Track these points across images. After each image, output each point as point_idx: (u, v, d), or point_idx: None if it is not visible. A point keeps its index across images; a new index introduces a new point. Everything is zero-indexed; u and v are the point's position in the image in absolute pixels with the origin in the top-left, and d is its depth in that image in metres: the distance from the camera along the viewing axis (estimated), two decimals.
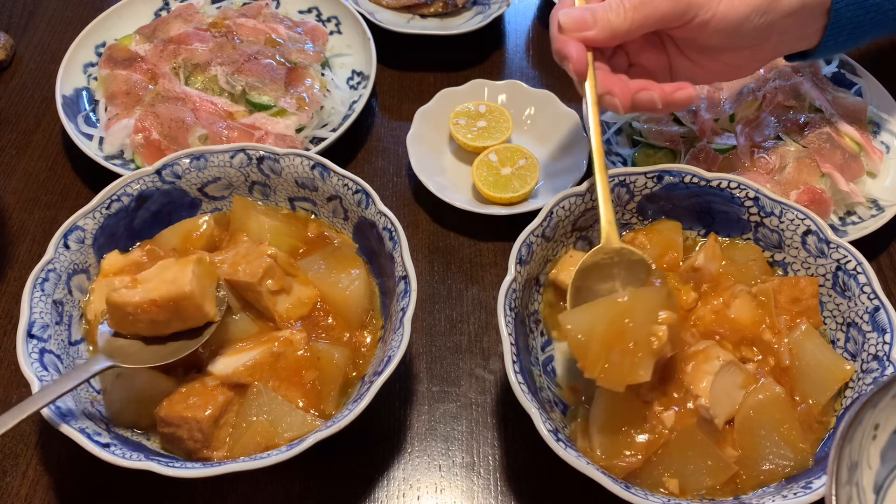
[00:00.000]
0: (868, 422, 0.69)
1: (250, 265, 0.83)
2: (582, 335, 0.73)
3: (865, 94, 1.17)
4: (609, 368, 0.72)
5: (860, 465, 0.70)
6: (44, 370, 0.76)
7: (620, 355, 0.72)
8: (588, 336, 0.73)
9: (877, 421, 0.70)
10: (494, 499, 0.85)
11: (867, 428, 0.70)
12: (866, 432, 0.70)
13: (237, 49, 1.18)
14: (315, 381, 0.81)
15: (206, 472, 0.69)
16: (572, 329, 0.74)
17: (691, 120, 1.12)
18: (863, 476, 0.70)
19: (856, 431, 0.68)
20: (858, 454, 0.69)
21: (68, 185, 1.14)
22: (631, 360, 0.72)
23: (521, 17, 1.41)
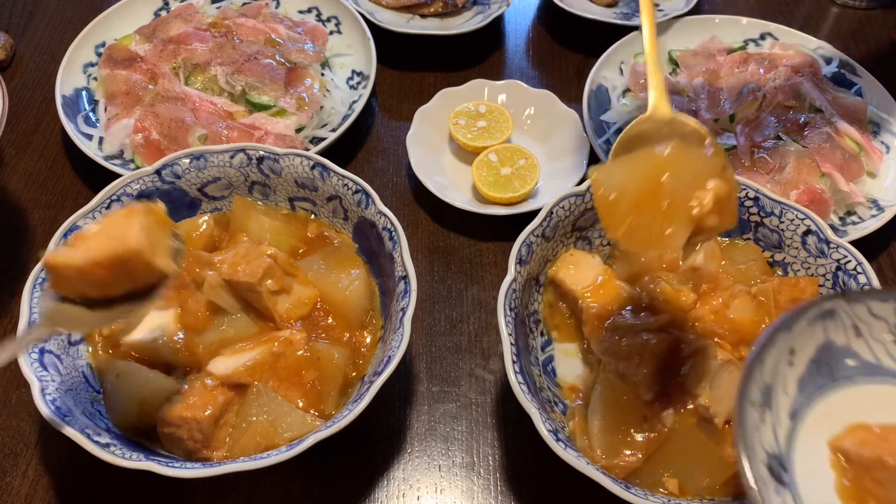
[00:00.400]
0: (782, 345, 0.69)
1: (250, 265, 0.83)
2: (608, 190, 0.64)
3: (865, 94, 1.17)
4: (635, 228, 0.64)
5: (775, 390, 0.69)
6: (44, 370, 0.76)
7: (651, 215, 0.63)
8: (618, 192, 0.64)
9: (792, 346, 0.70)
10: (494, 499, 0.85)
11: (782, 352, 0.70)
12: (781, 356, 0.70)
13: (237, 49, 1.18)
14: (315, 381, 0.81)
15: (206, 472, 0.69)
16: (598, 181, 0.65)
17: None
18: (778, 401, 0.69)
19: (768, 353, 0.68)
20: (773, 377, 0.69)
21: (68, 185, 1.14)
22: (662, 222, 0.63)
23: (521, 17, 1.41)
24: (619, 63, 1.23)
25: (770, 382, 0.69)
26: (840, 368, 0.73)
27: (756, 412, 0.67)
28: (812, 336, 0.72)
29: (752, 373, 0.67)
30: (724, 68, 1.19)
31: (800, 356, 0.71)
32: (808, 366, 0.72)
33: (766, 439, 0.67)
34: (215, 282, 0.84)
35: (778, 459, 0.67)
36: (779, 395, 0.70)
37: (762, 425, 0.68)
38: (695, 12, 1.30)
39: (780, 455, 0.68)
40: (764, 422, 0.68)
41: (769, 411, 0.68)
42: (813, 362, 0.72)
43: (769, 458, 0.66)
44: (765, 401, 0.68)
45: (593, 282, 0.87)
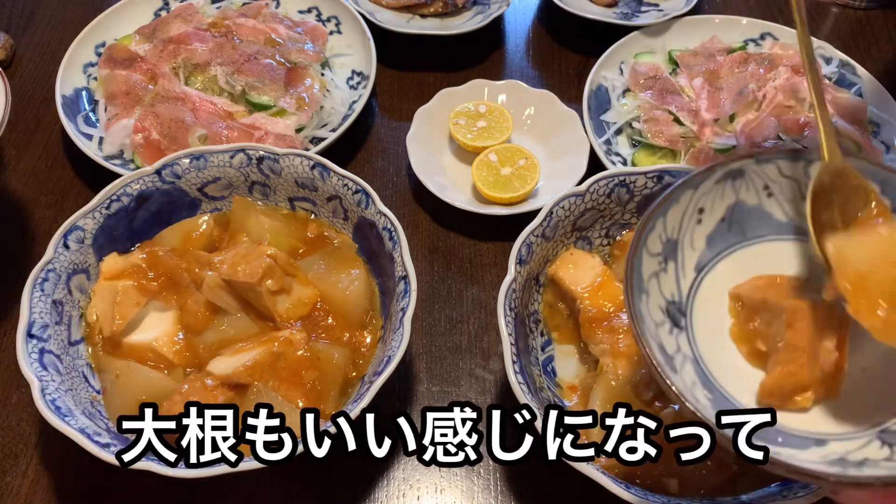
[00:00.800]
0: (687, 202, 0.72)
1: (250, 265, 0.83)
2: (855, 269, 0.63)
3: (865, 94, 1.17)
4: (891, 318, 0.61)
5: (681, 244, 0.73)
6: (43, 370, 0.76)
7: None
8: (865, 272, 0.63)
9: (700, 205, 0.73)
10: (494, 499, 0.85)
11: (689, 209, 0.73)
12: (687, 213, 0.73)
13: (237, 49, 1.18)
14: (315, 381, 0.81)
15: (206, 472, 0.69)
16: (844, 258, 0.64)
17: (691, 120, 1.12)
18: (684, 254, 0.73)
19: (670, 207, 0.71)
20: (679, 233, 0.73)
21: (68, 185, 1.14)
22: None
23: (521, 17, 1.41)
24: (619, 63, 1.23)
25: (675, 237, 0.73)
26: (752, 227, 0.75)
27: (654, 261, 0.71)
28: (721, 196, 0.74)
29: (652, 223, 0.70)
30: (724, 68, 1.18)
31: (708, 215, 0.74)
32: (717, 224, 0.75)
33: (666, 287, 0.72)
34: (214, 282, 0.84)
35: (677, 306, 0.72)
36: (685, 248, 0.74)
37: (663, 274, 0.72)
38: (695, 12, 1.30)
39: (680, 303, 0.73)
40: (665, 271, 0.72)
41: (673, 262, 0.73)
42: (723, 221, 0.75)
43: (668, 303, 0.71)
44: (669, 252, 0.72)
45: (592, 282, 0.87)
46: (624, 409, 0.71)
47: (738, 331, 0.72)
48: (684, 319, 0.72)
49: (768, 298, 0.70)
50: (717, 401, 0.67)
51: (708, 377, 0.69)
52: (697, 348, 0.71)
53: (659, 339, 0.67)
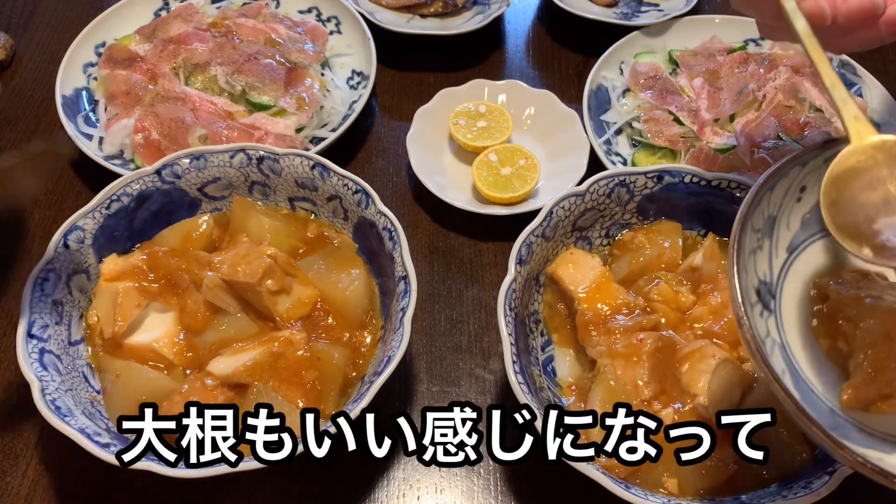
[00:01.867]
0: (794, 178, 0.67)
1: (250, 265, 0.83)
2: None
3: (865, 94, 1.17)
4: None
5: (779, 222, 0.68)
6: (43, 370, 0.76)
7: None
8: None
9: (804, 183, 0.68)
10: (494, 499, 0.85)
11: (792, 186, 0.67)
12: (790, 190, 0.67)
13: (237, 49, 1.18)
14: (315, 381, 0.81)
15: (206, 472, 0.69)
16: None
17: (691, 120, 1.12)
18: (780, 233, 0.68)
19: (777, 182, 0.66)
20: (779, 210, 0.68)
21: (68, 185, 1.14)
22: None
23: (521, 17, 1.41)
24: (619, 63, 1.23)
25: (774, 214, 0.68)
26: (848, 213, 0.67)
27: (755, 238, 0.67)
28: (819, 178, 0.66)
29: (759, 198, 0.65)
30: (724, 68, 1.18)
31: (809, 194, 0.69)
32: (814, 205, 0.68)
33: (760, 266, 0.67)
34: (214, 283, 0.84)
35: (768, 287, 0.68)
36: (781, 227, 0.69)
37: (759, 252, 0.67)
38: (695, 12, 1.29)
39: (771, 283, 0.68)
40: (761, 249, 0.67)
41: (768, 241, 0.68)
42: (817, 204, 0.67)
43: (760, 283, 0.67)
44: (767, 230, 0.67)
45: (591, 283, 0.87)
46: (624, 409, 0.71)
47: (820, 325, 0.68)
48: (774, 302, 0.68)
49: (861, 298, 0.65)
50: (804, 392, 0.64)
51: (795, 367, 0.66)
52: (784, 334, 0.67)
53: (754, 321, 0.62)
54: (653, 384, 0.80)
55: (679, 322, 0.86)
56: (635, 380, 0.80)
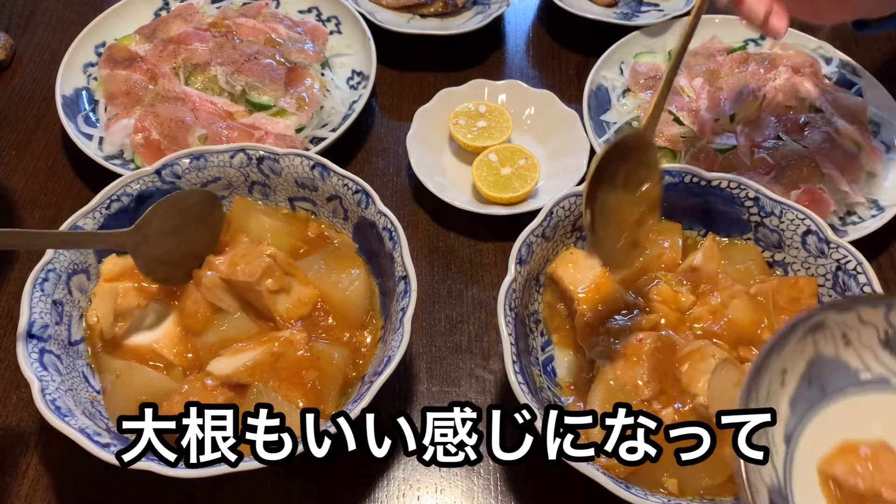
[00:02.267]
0: (775, 368, 0.66)
1: (249, 265, 0.83)
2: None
3: (865, 94, 1.17)
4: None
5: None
6: (43, 370, 0.76)
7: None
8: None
9: (784, 365, 0.67)
10: (494, 499, 0.85)
11: (774, 374, 0.66)
12: (773, 379, 0.67)
13: (237, 49, 1.18)
14: (315, 381, 0.81)
15: (206, 472, 0.69)
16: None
17: (691, 120, 1.12)
18: (774, 429, 0.66)
19: (762, 379, 0.65)
20: (767, 403, 0.66)
21: (68, 185, 1.14)
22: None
23: (521, 17, 1.41)
24: (619, 63, 1.23)
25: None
26: (830, 381, 0.70)
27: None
28: (802, 352, 0.69)
29: (747, 402, 0.64)
30: (724, 68, 1.18)
31: (790, 375, 0.68)
32: (798, 383, 0.69)
33: (765, 473, 0.65)
34: (213, 282, 0.84)
35: (779, 492, 0.65)
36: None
37: None
38: None
39: (780, 486, 0.66)
40: None
41: (765, 438, 0.66)
42: (803, 378, 0.69)
43: (771, 493, 0.64)
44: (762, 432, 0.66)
45: (590, 283, 0.87)
46: (624, 409, 0.71)
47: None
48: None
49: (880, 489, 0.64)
50: None
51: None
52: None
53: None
54: (652, 384, 0.79)
55: (679, 322, 0.86)
56: (635, 380, 0.80)
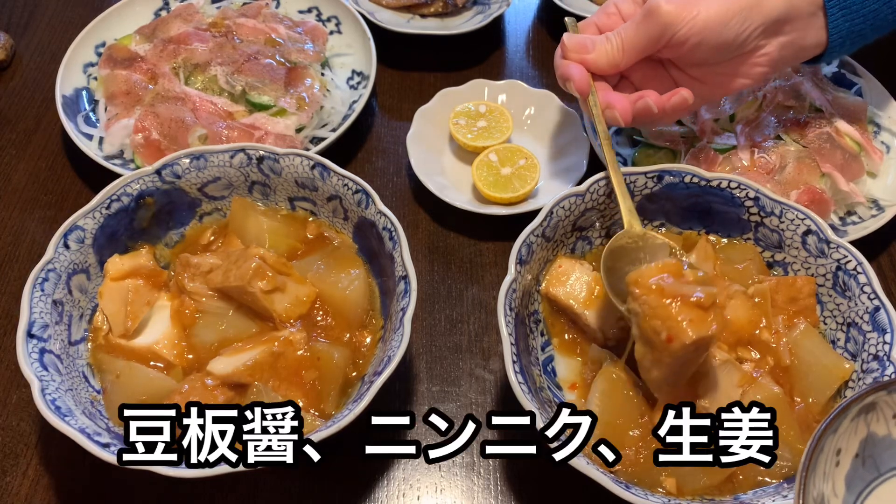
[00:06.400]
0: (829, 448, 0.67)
1: (240, 269, 0.83)
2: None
3: (865, 94, 1.17)
4: None
5: (826, 496, 0.68)
6: (44, 370, 0.76)
7: None
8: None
9: (839, 446, 0.68)
10: (494, 499, 0.85)
11: (829, 455, 0.68)
12: (829, 459, 0.68)
13: (237, 49, 1.18)
14: (315, 381, 0.81)
15: (206, 473, 0.69)
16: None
17: (691, 120, 1.12)
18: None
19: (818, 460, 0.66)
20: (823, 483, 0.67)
21: (68, 185, 1.14)
22: None
23: (521, 17, 1.41)
24: None
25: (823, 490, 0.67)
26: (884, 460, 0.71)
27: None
28: (855, 432, 0.69)
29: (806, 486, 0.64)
30: None
31: (844, 454, 0.69)
32: (852, 462, 0.69)
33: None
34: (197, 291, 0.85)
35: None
36: (830, 499, 0.68)
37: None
38: None
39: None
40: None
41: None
42: (857, 457, 0.70)
43: None
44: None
45: (589, 294, 0.87)
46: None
47: None
48: None
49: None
50: None
51: None
52: None
53: None
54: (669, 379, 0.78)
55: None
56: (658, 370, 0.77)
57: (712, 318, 0.71)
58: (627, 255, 0.85)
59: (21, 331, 0.77)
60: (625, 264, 0.83)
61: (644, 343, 0.75)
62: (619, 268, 0.83)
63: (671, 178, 0.91)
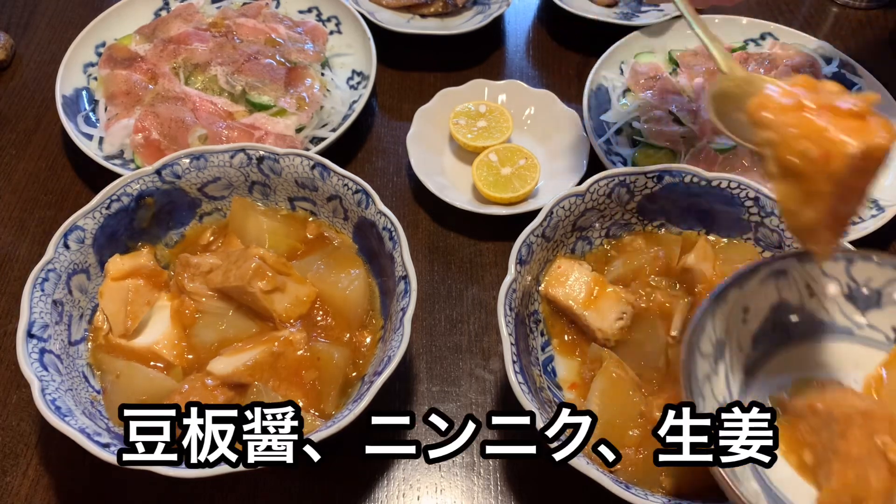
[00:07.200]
0: (734, 302, 0.71)
1: (239, 269, 0.83)
2: None
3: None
4: None
5: (729, 345, 0.72)
6: (44, 370, 0.76)
7: None
8: None
9: (745, 304, 0.72)
10: (494, 499, 0.85)
11: (734, 309, 0.71)
12: (734, 313, 0.71)
13: (237, 49, 1.18)
14: (315, 381, 0.81)
15: (206, 473, 0.69)
16: None
17: (691, 120, 1.12)
18: (732, 356, 0.72)
19: (719, 307, 0.70)
20: (725, 334, 0.71)
21: (68, 185, 1.14)
22: None
23: (521, 17, 1.41)
24: (619, 63, 1.23)
25: (723, 338, 0.71)
26: (794, 326, 0.74)
27: (707, 363, 0.69)
28: (765, 295, 0.73)
29: (703, 324, 0.69)
30: None
31: (753, 314, 0.72)
32: (762, 323, 0.73)
33: (718, 390, 0.70)
34: (196, 291, 0.85)
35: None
36: (733, 350, 0.72)
37: (714, 377, 0.70)
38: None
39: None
40: (717, 374, 0.71)
41: (723, 364, 0.71)
42: (767, 320, 0.73)
43: (721, 408, 0.69)
44: (717, 354, 0.70)
45: (588, 294, 0.87)
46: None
47: (783, 440, 0.70)
48: None
49: (816, 406, 0.68)
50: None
51: (769, 487, 0.68)
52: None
53: None
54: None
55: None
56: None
57: (877, 126, 0.58)
58: (734, 101, 0.75)
59: (21, 331, 0.77)
60: (732, 110, 0.75)
61: (789, 178, 0.63)
62: (727, 112, 0.75)
63: (671, 178, 0.91)
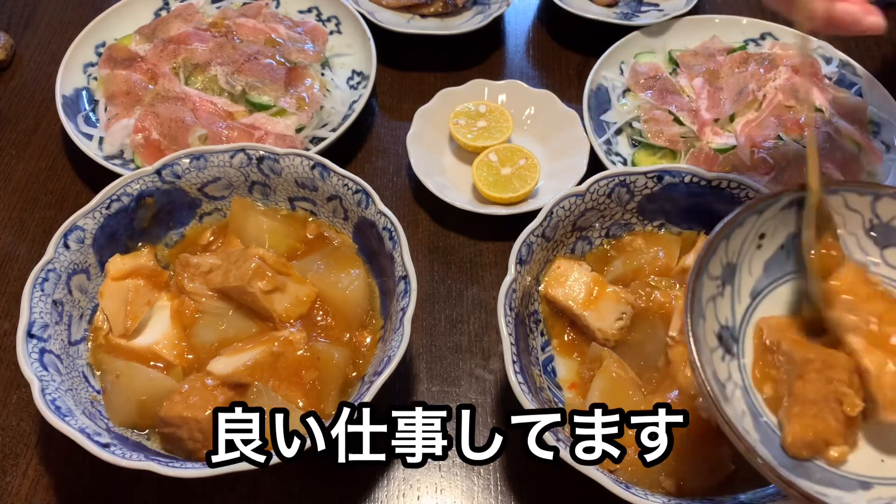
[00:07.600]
0: (751, 226, 0.71)
1: (239, 269, 0.83)
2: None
3: (865, 94, 1.17)
4: None
5: (739, 268, 0.72)
6: (44, 370, 0.76)
7: None
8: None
9: (762, 230, 0.72)
10: (494, 499, 0.85)
11: (750, 234, 0.71)
12: (749, 238, 0.72)
13: (237, 49, 1.18)
14: (315, 381, 0.81)
15: (206, 472, 0.69)
16: None
17: (691, 120, 1.12)
18: (741, 279, 0.72)
19: (734, 231, 0.70)
20: (738, 257, 0.72)
21: (68, 185, 1.14)
22: None
23: (521, 17, 1.41)
24: (619, 63, 1.23)
25: (734, 261, 0.71)
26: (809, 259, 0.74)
27: (714, 285, 0.70)
28: (784, 223, 0.73)
29: (715, 246, 0.69)
30: (724, 68, 1.18)
31: (769, 241, 0.73)
32: (776, 251, 0.73)
33: (721, 312, 0.71)
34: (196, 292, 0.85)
35: (730, 332, 0.71)
36: (743, 274, 0.72)
37: (720, 298, 0.71)
38: (695, 12, 1.29)
39: (733, 328, 0.71)
40: (722, 295, 0.71)
41: (730, 287, 0.71)
42: (782, 248, 0.73)
43: (721, 328, 0.70)
44: (727, 277, 0.71)
45: (588, 295, 0.87)
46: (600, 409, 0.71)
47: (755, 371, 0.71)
48: (736, 346, 0.71)
49: (782, 342, 0.69)
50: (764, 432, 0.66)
51: (757, 407, 0.68)
52: (748, 377, 0.70)
53: (713, 365, 0.66)
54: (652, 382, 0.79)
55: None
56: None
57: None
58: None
59: (21, 331, 0.77)
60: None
61: None
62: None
63: (671, 178, 0.91)
